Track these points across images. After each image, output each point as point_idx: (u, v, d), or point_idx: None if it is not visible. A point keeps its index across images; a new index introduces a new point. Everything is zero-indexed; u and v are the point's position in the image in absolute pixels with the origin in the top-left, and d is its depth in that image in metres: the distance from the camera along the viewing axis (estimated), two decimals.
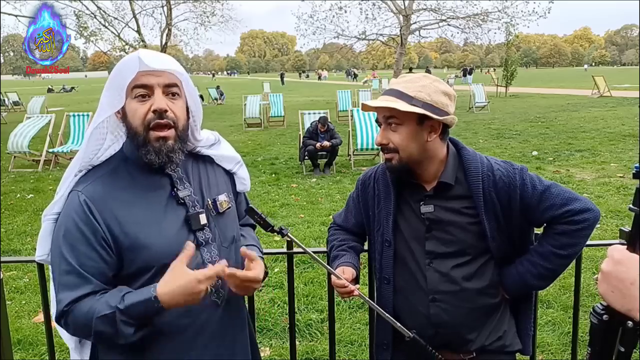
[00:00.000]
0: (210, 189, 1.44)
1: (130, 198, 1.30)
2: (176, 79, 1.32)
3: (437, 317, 1.53)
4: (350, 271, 1.58)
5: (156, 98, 1.27)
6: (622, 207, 6.05)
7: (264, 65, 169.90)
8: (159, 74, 1.28)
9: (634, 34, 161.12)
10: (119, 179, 1.32)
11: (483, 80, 27.24)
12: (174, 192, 1.35)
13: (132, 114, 1.28)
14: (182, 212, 1.35)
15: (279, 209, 6.57)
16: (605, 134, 11.81)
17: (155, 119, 1.27)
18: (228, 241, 1.43)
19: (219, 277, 1.29)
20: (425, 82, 1.48)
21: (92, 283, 1.24)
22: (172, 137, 1.30)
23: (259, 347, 1.43)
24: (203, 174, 1.46)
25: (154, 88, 1.27)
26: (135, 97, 1.28)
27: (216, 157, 1.51)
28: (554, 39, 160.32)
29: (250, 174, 1.60)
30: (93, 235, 1.24)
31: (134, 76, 1.26)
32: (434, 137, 1.49)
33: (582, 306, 3.17)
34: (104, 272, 1.26)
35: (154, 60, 1.27)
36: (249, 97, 16.44)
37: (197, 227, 1.35)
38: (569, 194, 1.49)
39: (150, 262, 1.27)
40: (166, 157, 1.29)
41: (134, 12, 23.16)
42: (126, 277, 1.29)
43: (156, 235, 1.28)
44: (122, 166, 1.34)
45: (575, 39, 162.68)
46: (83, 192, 1.28)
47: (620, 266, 0.77)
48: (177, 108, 1.31)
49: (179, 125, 1.31)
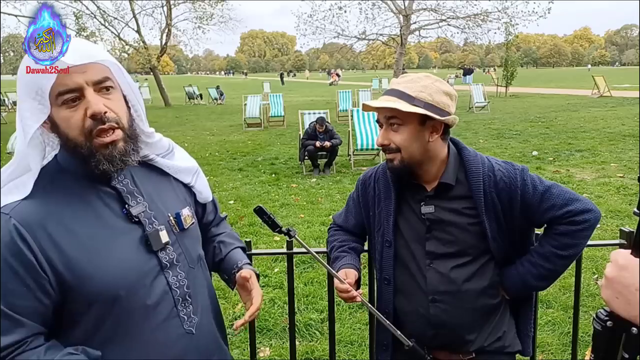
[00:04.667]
0: (168, 203, 1.26)
1: (72, 219, 1.08)
2: (105, 69, 1.10)
3: (437, 318, 1.53)
4: (353, 274, 1.57)
5: (90, 100, 1.06)
6: (622, 207, 6.05)
7: (264, 65, 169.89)
8: (84, 68, 1.05)
9: (634, 34, 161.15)
10: (55, 195, 1.09)
11: (483, 80, 27.24)
12: (125, 209, 1.15)
13: (66, 124, 1.07)
14: (137, 232, 1.15)
15: (279, 209, 6.57)
16: (605, 134, 11.81)
17: (97, 125, 1.06)
18: (195, 261, 1.27)
19: (190, 303, 1.20)
20: (426, 82, 1.47)
21: (26, 326, 1.02)
22: (120, 138, 1.11)
23: (259, 347, 1.40)
24: (159, 185, 1.27)
25: (83, 88, 1.06)
26: (62, 103, 1.06)
27: (171, 170, 1.32)
28: (554, 39, 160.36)
29: (250, 174, 1.59)
30: (26, 271, 1.02)
31: (55, 79, 1.03)
32: (435, 138, 1.49)
33: (582, 306, 3.17)
34: (40, 311, 1.05)
35: (74, 56, 1.03)
36: (249, 97, 16.44)
37: (159, 247, 1.16)
38: (569, 194, 1.49)
39: (100, 294, 1.07)
40: (121, 162, 1.11)
41: (134, 12, 23.19)
42: (69, 313, 1.09)
43: (106, 262, 1.08)
44: (58, 180, 1.11)
45: (575, 39, 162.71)
46: (12, 215, 1.03)
47: (624, 272, 0.76)
48: (115, 104, 1.11)
49: (123, 124, 1.12)
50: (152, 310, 1.15)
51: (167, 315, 1.17)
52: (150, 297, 1.14)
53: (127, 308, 1.11)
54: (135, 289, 1.12)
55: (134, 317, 1.12)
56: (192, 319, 1.22)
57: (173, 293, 1.18)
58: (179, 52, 48.69)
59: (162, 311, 1.16)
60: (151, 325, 1.15)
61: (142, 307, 1.13)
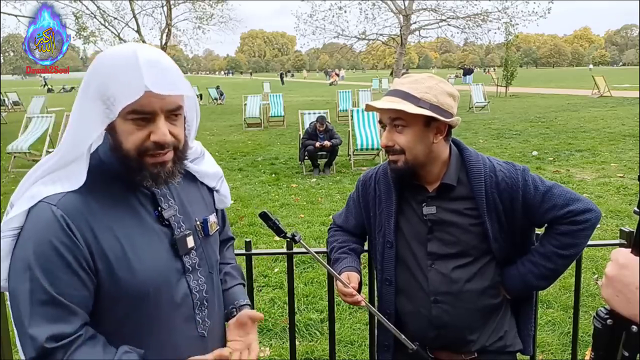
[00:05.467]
0: (196, 208, 1.28)
1: (110, 216, 1.10)
2: (180, 98, 1.12)
3: (438, 319, 1.52)
4: (356, 277, 1.57)
5: (159, 127, 1.07)
6: (622, 207, 6.05)
7: (264, 65, 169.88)
8: (162, 96, 1.06)
9: (634, 34, 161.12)
10: (96, 190, 1.11)
11: (483, 80, 27.23)
12: (158, 211, 1.17)
13: (125, 137, 1.08)
14: (167, 235, 1.18)
15: (279, 209, 6.57)
16: (605, 134, 11.81)
17: (155, 149, 1.08)
18: (213, 267, 1.29)
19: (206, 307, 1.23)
20: (431, 83, 1.46)
21: (79, 315, 1.05)
22: (170, 159, 1.12)
23: (259, 347, 1.39)
24: (187, 191, 1.28)
25: (157, 114, 1.07)
26: (130, 118, 1.06)
27: (199, 174, 1.33)
28: (554, 39, 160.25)
29: (250, 174, 1.58)
30: (75, 259, 1.04)
31: (134, 100, 1.03)
32: (439, 139, 1.49)
33: (582, 306, 3.17)
34: (87, 302, 1.07)
35: (162, 85, 1.04)
36: (249, 97, 16.44)
37: (185, 252, 1.19)
38: (570, 194, 1.49)
39: (127, 293, 1.10)
40: (164, 182, 1.13)
41: (134, 12, 23.16)
42: (96, 311, 1.10)
43: (138, 258, 1.11)
44: (99, 176, 1.12)
45: (575, 39, 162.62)
46: (58, 206, 1.05)
47: (625, 270, 0.76)
48: (178, 130, 1.13)
49: (179, 146, 1.14)
50: (174, 312, 1.17)
51: (185, 318, 1.20)
52: (173, 300, 1.17)
53: (151, 309, 1.14)
54: (160, 291, 1.14)
55: (156, 318, 1.15)
56: (206, 322, 1.25)
57: (193, 297, 1.21)
58: (179, 52, 48.75)
59: (182, 313, 1.19)
60: (170, 326, 1.17)
61: (165, 308, 1.16)
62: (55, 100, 29.37)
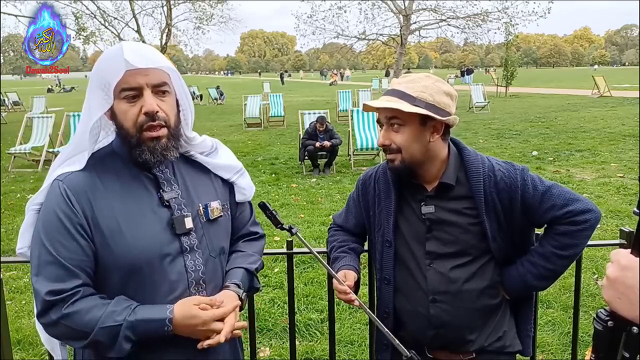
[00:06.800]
0: (202, 194, 1.38)
1: (111, 193, 1.26)
2: (165, 75, 1.28)
3: (437, 318, 1.52)
4: (352, 276, 1.57)
5: (146, 99, 1.24)
6: (622, 207, 6.05)
7: (264, 65, 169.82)
8: (146, 72, 1.23)
9: (634, 34, 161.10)
10: (104, 172, 1.29)
11: (483, 80, 27.23)
12: (159, 193, 1.31)
13: (123, 116, 1.25)
14: (165, 214, 1.30)
15: (279, 209, 6.57)
16: (605, 134, 11.81)
17: (148, 121, 1.24)
18: (216, 251, 1.38)
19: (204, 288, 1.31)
20: (427, 82, 1.47)
21: (79, 277, 1.20)
22: (165, 135, 1.27)
23: (259, 347, 1.40)
24: (195, 178, 1.40)
25: (143, 88, 1.24)
26: (123, 97, 1.24)
27: (211, 166, 1.45)
28: (554, 39, 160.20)
29: (250, 174, 1.58)
30: (74, 227, 1.20)
31: (121, 78, 1.22)
32: (436, 138, 1.49)
33: (582, 306, 3.17)
34: (86, 266, 1.22)
35: (139, 59, 1.22)
36: (249, 97, 16.44)
37: (182, 231, 1.29)
38: (570, 194, 1.49)
39: (123, 261, 1.23)
40: (161, 156, 1.27)
41: (134, 12, 23.17)
42: (96, 279, 1.25)
43: (133, 233, 1.24)
44: (109, 160, 1.31)
45: (575, 39, 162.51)
46: (64, 181, 1.24)
47: (627, 272, 0.75)
48: (167, 106, 1.28)
49: (170, 124, 1.29)
50: (168, 287, 1.27)
51: (179, 295, 1.28)
52: (167, 276, 1.27)
53: (146, 283, 1.25)
54: (153, 266, 1.25)
55: (150, 292, 1.25)
56: None
57: (188, 275, 1.30)
58: (179, 52, 48.80)
59: (177, 290, 1.28)
60: (164, 301, 1.25)
61: (159, 283, 1.26)
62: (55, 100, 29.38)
